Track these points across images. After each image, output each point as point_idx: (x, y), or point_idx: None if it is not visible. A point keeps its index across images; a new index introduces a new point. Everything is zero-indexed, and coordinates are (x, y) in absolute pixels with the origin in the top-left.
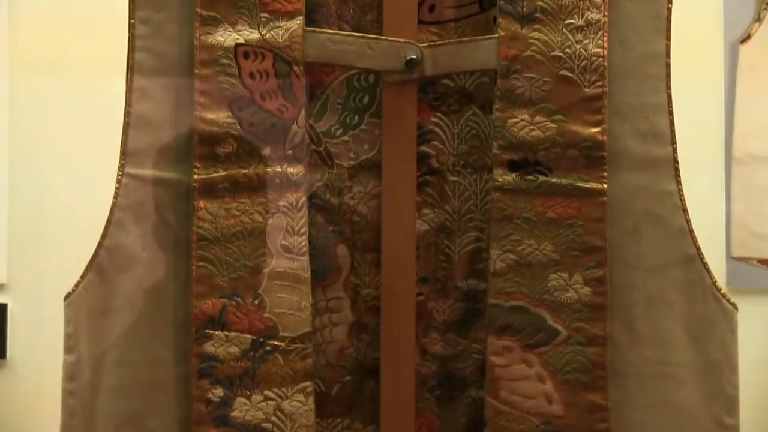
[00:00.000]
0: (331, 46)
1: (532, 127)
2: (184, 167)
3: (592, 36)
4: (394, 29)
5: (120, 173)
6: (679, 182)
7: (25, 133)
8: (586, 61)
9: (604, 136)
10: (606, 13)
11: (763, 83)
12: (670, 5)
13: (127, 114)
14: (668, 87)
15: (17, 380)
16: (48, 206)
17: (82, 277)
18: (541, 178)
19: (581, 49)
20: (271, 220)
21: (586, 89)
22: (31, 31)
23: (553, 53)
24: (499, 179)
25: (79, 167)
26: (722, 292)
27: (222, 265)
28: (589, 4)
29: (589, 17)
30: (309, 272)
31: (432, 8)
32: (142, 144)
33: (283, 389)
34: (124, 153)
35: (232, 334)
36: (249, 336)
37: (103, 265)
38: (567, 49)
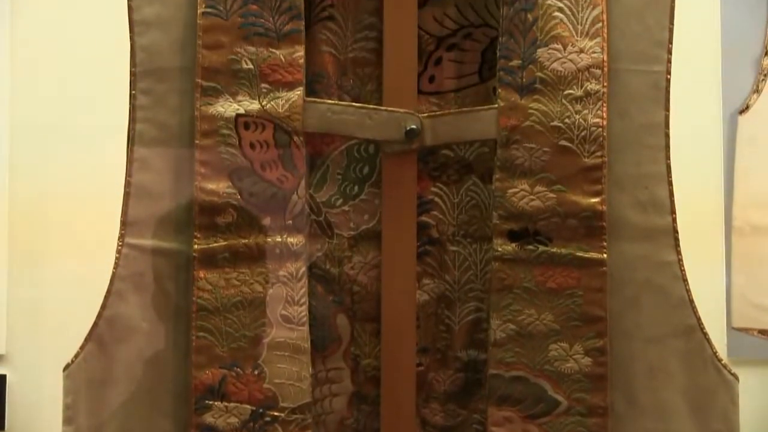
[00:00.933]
0: (331, 116)
1: (531, 197)
2: (184, 237)
3: (591, 106)
4: (394, 99)
5: (120, 243)
6: (679, 252)
7: (24, 203)
8: (585, 132)
9: (604, 206)
10: (605, 84)
11: (763, 154)
12: (668, 76)
13: (128, 184)
14: (668, 157)
15: None
16: (47, 277)
17: (82, 347)
18: (541, 247)
19: (581, 120)
20: (271, 290)
21: (586, 159)
22: (32, 98)
23: (552, 123)
24: (499, 249)
25: (78, 237)
26: (723, 362)
27: (222, 335)
28: (588, 75)
29: (588, 88)
30: (309, 342)
31: (432, 78)
32: (143, 214)
33: None
34: (125, 223)
35: (232, 404)
36: (248, 407)
37: (102, 335)
38: (566, 120)
